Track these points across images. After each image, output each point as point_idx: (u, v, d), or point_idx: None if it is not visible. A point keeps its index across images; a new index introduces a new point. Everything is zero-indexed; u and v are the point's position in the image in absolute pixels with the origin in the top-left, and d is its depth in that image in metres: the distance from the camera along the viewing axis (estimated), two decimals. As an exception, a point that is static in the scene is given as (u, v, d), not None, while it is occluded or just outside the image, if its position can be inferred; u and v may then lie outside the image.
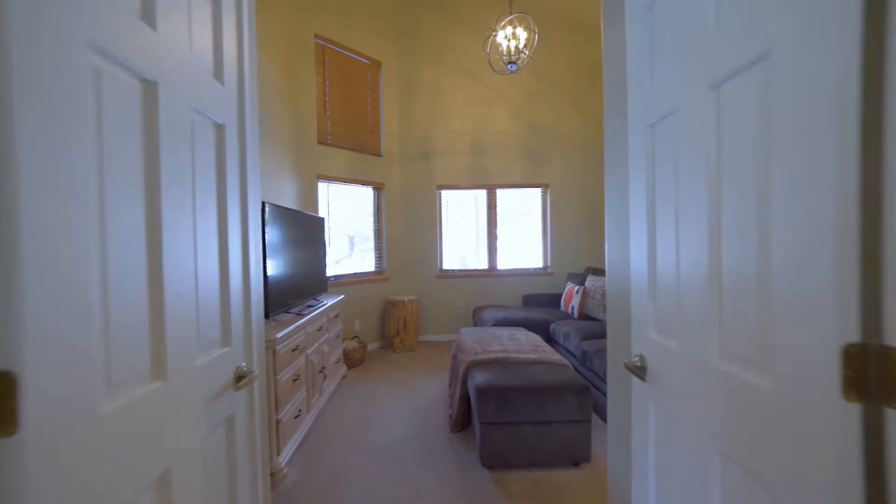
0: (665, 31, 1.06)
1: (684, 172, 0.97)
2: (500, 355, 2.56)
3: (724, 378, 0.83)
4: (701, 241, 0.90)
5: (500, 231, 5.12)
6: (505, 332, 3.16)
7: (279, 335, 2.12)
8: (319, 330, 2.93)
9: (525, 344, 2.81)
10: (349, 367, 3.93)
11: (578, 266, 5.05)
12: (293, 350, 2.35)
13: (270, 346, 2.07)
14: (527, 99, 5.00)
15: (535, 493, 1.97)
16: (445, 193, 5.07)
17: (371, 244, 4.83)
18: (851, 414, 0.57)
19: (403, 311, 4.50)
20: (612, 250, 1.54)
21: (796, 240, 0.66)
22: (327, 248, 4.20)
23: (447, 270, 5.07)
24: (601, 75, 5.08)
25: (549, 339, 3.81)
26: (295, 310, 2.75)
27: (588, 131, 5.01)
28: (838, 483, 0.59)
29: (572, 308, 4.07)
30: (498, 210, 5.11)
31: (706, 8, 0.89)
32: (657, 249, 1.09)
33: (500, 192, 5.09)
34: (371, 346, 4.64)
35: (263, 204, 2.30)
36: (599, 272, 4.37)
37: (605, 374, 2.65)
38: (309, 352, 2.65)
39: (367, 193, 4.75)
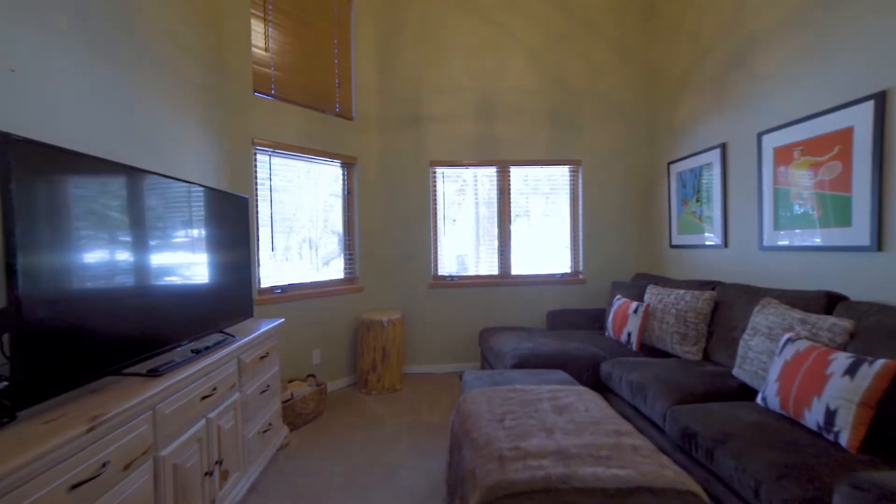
0: None
1: None
2: (552, 470, 1.24)
3: None
4: None
5: (514, 224, 3.80)
6: (543, 392, 1.85)
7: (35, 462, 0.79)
8: (211, 395, 1.60)
9: (590, 426, 1.50)
10: (295, 427, 2.60)
11: (623, 272, 3.75)
12: (87, 481, 1.01)
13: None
14: (552, 44, 3.69)
15: None
16: (442, 172, 3.74)
17: (338, 242, 3.50)
18: None
19: (381, 336, 3.17)
20: None
21: None
22: (259, 248, 2.86)
23: (444, 277, 3.75)
24: (657, 6, 3.86)
25: (601, 387, 2.50)
26: (146, 365, 1.42)
27: (636, 88, 3.71)
28: None
29: (628, 335, 2.76)
30: (512, 195, 3.79)
31: None
32: None
33: (514, 171, 3.77)
34: (337, 385, 3.31)
35: (4, 136, 0.97)
36: (665, 282, 3.06)
37: (755, 494, 1.34)
38: (168, 450, 1.32)
39: (332, 172, 3.41)
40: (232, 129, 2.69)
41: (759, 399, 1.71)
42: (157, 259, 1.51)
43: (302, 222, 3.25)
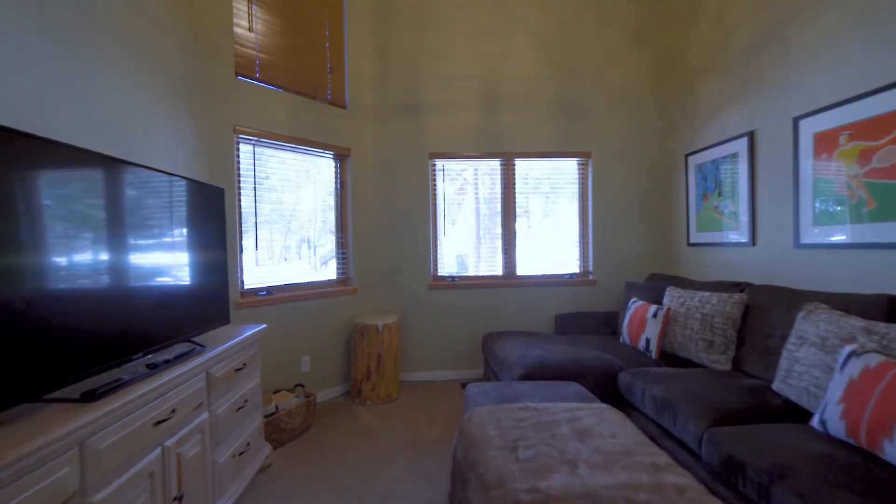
0: None
1: None
2: (581, 516, 0.99)
3: None
4: None
5: (518, 221, 3.55)
6: (560, 410, 1.59)
7: None
8: (167, 420, 1.34)
9: (621, 461, 1.25)
10: (280, 444, 2.34)
11: (636, 272, 3.49)
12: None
13: None
14: (559, 29, 3.44)
15: None
16: (442, 167, 3.49)
17: (331, 240, 3.25)
18: None
19: (377, 341, 2.92)
20: None
21: None
22: (241, 244, 2.61)
23: (444, 278, 3.49)
24: None
25: (619, 401, 2.24)
26: (81, 386, 1.16)
27: (650, 74, 3.46)
28: None
29: (647, 342, 2.51)
30: (517, 189, 3.53)
31: None
32: None
33: (519, 164, 3.51)
34: (328, 395, 3.05)
35: None
36: (685, 283, 2.81)
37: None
38: (103, 495, 1.06)
39: (324, 164, 3.16)
40: (211, 114, 2.43)
41: (814, 422, 1.45)
42: (104, 255, 1.26)
43: (300, 221, 3.00)
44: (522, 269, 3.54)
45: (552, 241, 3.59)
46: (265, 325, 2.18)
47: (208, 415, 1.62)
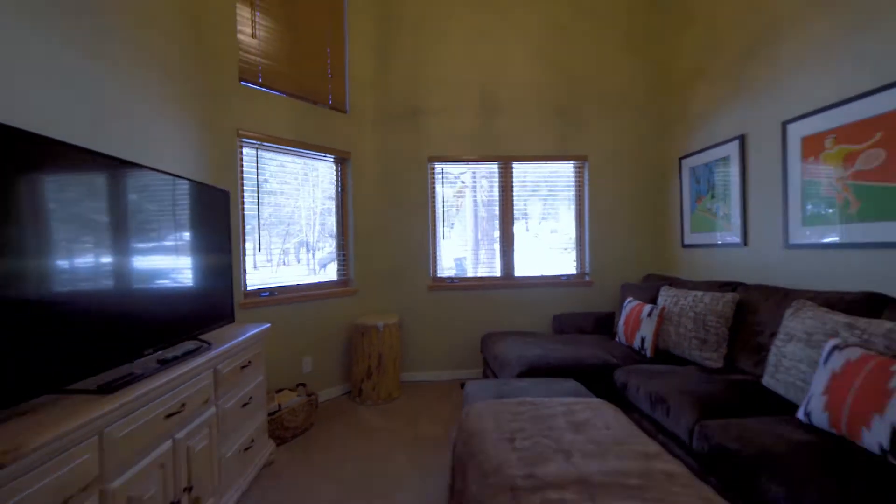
0: None
1: None
2: (573, 498, 1.04)
3: None
4: None
5: (517, 223, 3.61)
6: (557, 405, 1.65)
7: None
8: (178, 413, 1.39)
9: (614, 450, 1.30)
10: (283, 442, 2.39)
11: (631, 273, 3.56)
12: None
13: None
14: (556, 35, 3.52)
15: None
16: (441, 170, 3.56)
17: (330, 243, 3.30)
18: None
19: (377, 341, 2.97)
20: None
21: None
22: (244, 247, 2.66)
23: (443, 279, 3.55)
24: None
25: (616, 398, 2.29)
26: (95, 380, 1.22)
27: (645, 79, 3.54)
28: None
29: (642, 341, 2.57)
30: (515, 192, 3.60)
31: None
32: None
33: (517, 167, 3.58)
34: (329, 395, 3.10)
35: None
36: (679, 283, 2.87)
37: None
38: (118, 483, 1.12)
39: (324, 168, 3.22)
40: (216, 119, 2.49)
41: (800, 414, 1.51)
42: (117, 256, 1.32)
43: (299, 224, 3.06)
44: (520, 271, 3.61)
45: (549, 243, 3.65)
46: (269, 325, 2.23)
47: (216, 409, 1.67)
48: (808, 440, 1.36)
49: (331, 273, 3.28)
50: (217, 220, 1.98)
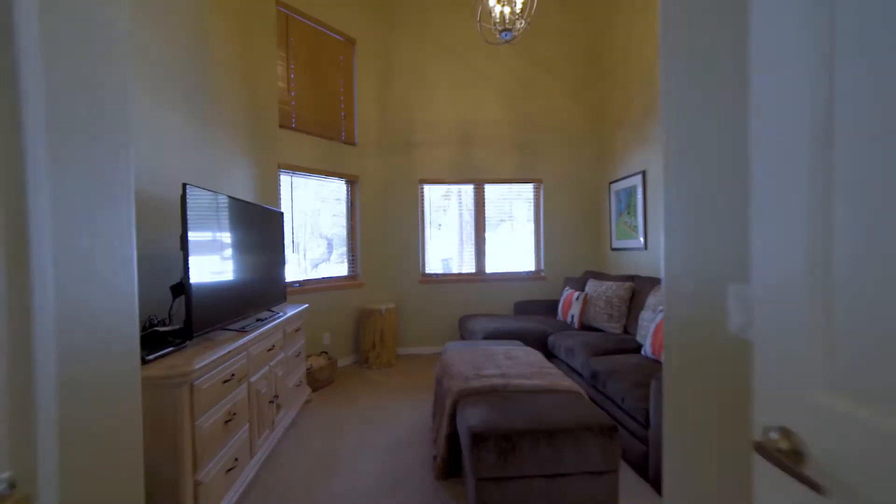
0: None
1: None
2: (496, 381, 2.04)
3: None
4: None
5: (488, 231, 4.61)
6: (499, 348, 2.65)
7: (199, 365, 1.54)
8: (271, 350, 2.34)
9: (526, 365, 2.30)
10: (314, 390, 3.33)
11: (576, 270, 4.60)
12: (226, 381, 1.77)
13: (186, 379, 1.49)
14: (519, 85, 4.53)
15: (550, 577, 1.45)
16: (428, 189, 4.54)
17: (344, 245, 4.25)
18: None
19: (380, 321, 3.93)
20: (678, 246, 1.05)
21: None
22: (286, 249, 3.60)
23: (430, 275, 4.53)
24: (599, 58, 4.75)
25: (549, 355, 3.32)
26: (237, 325, 2.16)
27: (585, 122, 4.58)
28: None
29: (572, 317, 3.60)
30: (487, 208, 4.61)
31: None
32: (834, 234, 0.58)
33: (488, 188, 4.59)
34: (343, 363, 4.05)
35: (184, 186, 1.72)
36: (602, 276, 3.92)
37: (622, 400, 2.16)
38: (254, 379, 2.07)
39: (339, 188, 4.17)
40: (263, 156, 3.42)
41: (643, 351, 2.54)
42: (241, 258, 2.26)
43: (320, 229, 4.00)
44: (491, 268, 4.61)
45: (514, 247, 4.67)
46: (308, 305, 3.18)
47: (284, 354, 2.61)
48: (638, 362, 2.39)
49: (343, 269, 4.23)
50: (277, 231, 2.92)
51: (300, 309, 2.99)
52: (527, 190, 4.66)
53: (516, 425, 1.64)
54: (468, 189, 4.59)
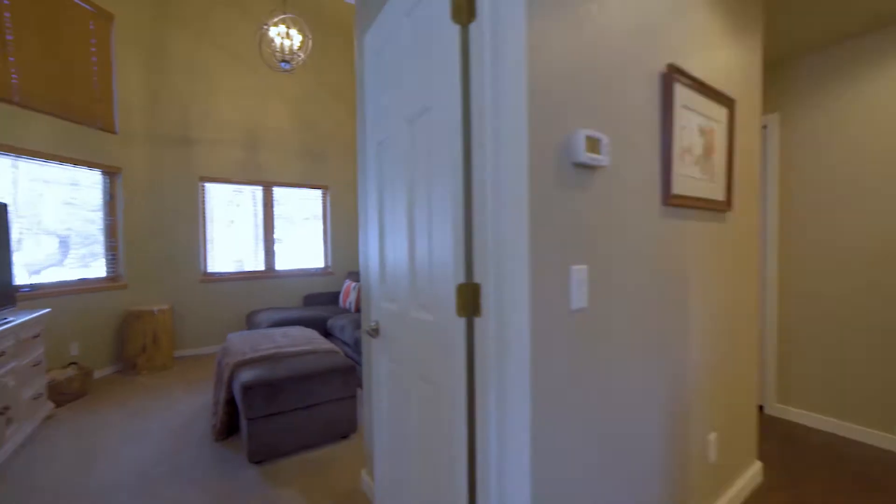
0: (387, 71, 1.41)
1: (394, 187, 1.34)
2: (270, 352, 2.55)
3: (415, 321, 1.22)
4: (403, 238, 1.28)
5: (280, 231, 4.92)
6: (279, 331, 3.13)
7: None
8: (2, 355, 2.15)
9: (299, 339, 2.88)
10: (61, 404, 2.98)
11: (356, 265, 5.42)
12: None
13: None
14: (306, 99, 5.01)
15: (304, 472, 2.10)
16: (212, 187, 4.49)
17: (100, 245, 3.78)
18: (461, 321, 0.99)
19: (152, 322, 3.74)
20: (363, 245, 1.86)
21: (441, 233, 1.07)
22: (12, 248, 3.07)
23: (214, 273, 4.50)
24: None
25: (328, 334, 3.97)
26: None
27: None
28: (461, 372, 1.01)
29: (350, 303, 4.37)
30: (279, 209, 4.90)
31: (400, 68, 1.28)
32: (385, 242, 1.44)
33: (279, 192, 4.90)
34: (102, 373, 3.63)
35: None
36: (375, 269, 4.84)
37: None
38: (-18, 386, 1.92)
39: (92, 179, 3.69)
40: (-29, 134, 2.81)
41: (392, 320, 3.50)
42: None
43: (56, 227, 3.44)
44: (281, 265, 4.93)
45: (306, 245, 5.12)
46: (50, 309, 2.84)
47: (17, 363, 2.37)
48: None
49: (100, 270, 3.76)
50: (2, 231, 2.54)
51: (35, 315, 2.68)
52: (315, 194, 5.19)
53: (279, 375, 2.22)
54: (257, 190, 4.77)
